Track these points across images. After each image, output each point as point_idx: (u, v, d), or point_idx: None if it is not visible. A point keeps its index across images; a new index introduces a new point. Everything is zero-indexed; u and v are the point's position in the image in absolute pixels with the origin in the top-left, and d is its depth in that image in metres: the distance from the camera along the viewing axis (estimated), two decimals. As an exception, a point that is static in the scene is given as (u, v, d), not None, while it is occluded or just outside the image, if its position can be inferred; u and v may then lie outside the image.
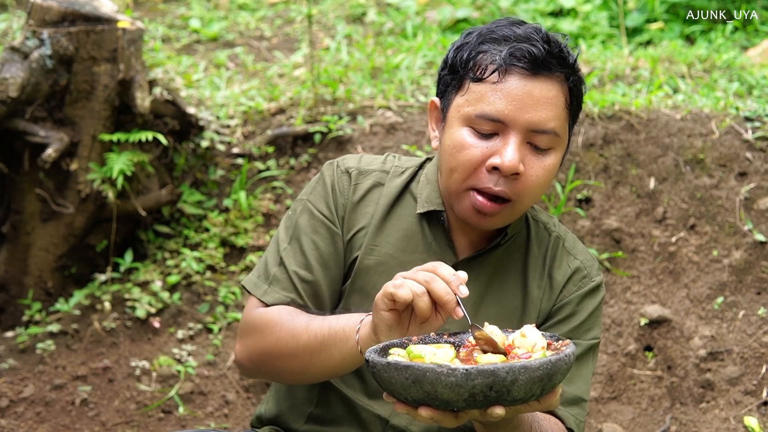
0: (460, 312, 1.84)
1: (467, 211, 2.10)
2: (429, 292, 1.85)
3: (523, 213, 2.15)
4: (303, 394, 2.28)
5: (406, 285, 1.85)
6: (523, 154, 2.06)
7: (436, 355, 1.79)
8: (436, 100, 2.20)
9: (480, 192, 2.07)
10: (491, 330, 1.86)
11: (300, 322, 2.10)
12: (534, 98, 2.04)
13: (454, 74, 2.13)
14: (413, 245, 2.20)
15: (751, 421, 3.25)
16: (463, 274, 1.87)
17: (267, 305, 2.20)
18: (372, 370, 1.76)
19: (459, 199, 2.10)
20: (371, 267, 2.19)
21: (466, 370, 1.66)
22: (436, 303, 1.87)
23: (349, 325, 1.99)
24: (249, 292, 2.23)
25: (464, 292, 1.84)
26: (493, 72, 2.05)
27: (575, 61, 2.11)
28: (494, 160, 2.04)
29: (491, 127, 2.06)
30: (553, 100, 2.07)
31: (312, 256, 2.19)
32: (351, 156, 2.30)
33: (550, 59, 2.05)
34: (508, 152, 2.04)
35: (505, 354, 1.83)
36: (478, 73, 2.07)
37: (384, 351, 1.83)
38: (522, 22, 2.12)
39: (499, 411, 1.71)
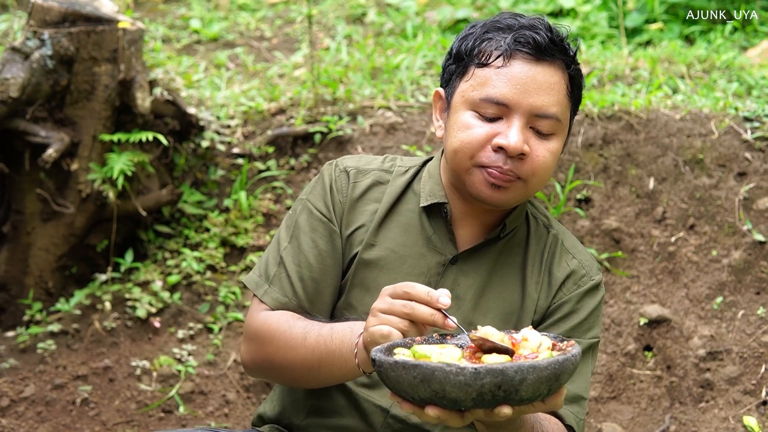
0: (451, 323, 1.85)
1: (480, 185, 2.12)
2: (413, 320, 1.86)
3: (532, 195, 2.18)
4: (304, 388, 2.30)
5: (389, 325, 1.86)
6: (527, 137, 2.10)
7: (442, 354, 1.80)
8: (441, 90, 2.24)
9: (488, 168, 2.09)
10: (485, 331, 1.87)
11: (297, 333, 2.13)
12: (537, 83, 2.09)
13: (459, 62, 2.17)
14: (413, 239, 2.22)
15: (751, 420, 3.26)
16: (444, 291, 1.87)
17: (267, 306, 2.22)
18: (379, 370, 1.76)
19: (469, 176, 2.13)
20: (372, 262, 2.22)
21: (475, 369, 1.66)
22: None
23: (345, 346, 2.01)
24: (251, 291, 2.27)
25: (446, 302, 1.85)
26: (498, 57, 2.10)
27: (575, 53, 2.16)
28: (499, 140, 2.08)
29: (495, 111, 2.09)
30: (556, 86, 2.11)
31: (311, 255, 2.22)
32: (350, 156, 2.34)
33: (552, 47, 2.11)
34: (512, 133, 2.07)
35: (511, 352, 1.83)
36: (482, 58, 2.12)
37: (389, 351, 1.84)
38: (524, 16, 2.18)
39: (506, 410, 1.72)
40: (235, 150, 3.99)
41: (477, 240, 2.24)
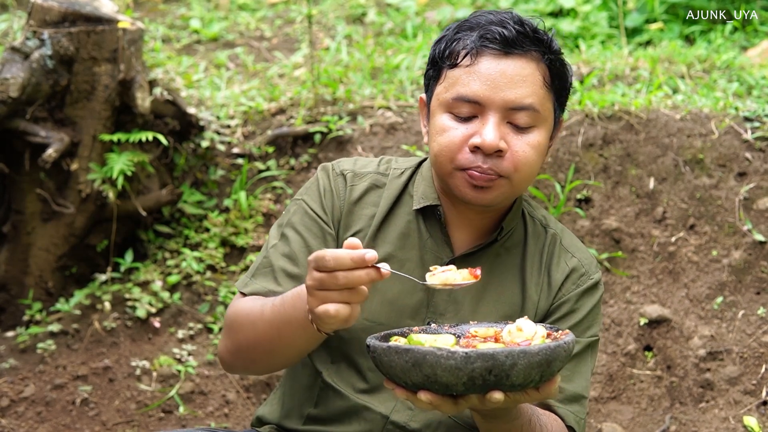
0: (386, 272, 1.78)
1: (463, 188, 2.11)
2: (352, 286, 1.78)
3: (520, 192, 2.17)
4: (303, 394, 2.29)
5: (331, 302, 1.78)
6: (504, 132, 2.08)
7: (437, 341, 1.82)
8: (424, 96, 2.25)
9: (468, 170, 2.09)
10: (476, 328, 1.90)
11: (256, 310, 2.08)
12: (508, 77, 2.08)
13: (434, 66, 2.17)
14: (410, 242, 2.22)
15: (751, 420, 3.25)
16: (353, 241, 1.79)
17: (245, 296, 2.19)
18: (372, 355, 1.78)
19: (452, 179, 2.12)
20: None
21: (466, 353, 1.68)
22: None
23: (298, 312, 1.93)
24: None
25: (373, 255, 1.77)
26: (466, 56, 2.10)
27: (551, 40, 2.13)
28: (475, 140, 2.07)
29: (469, 109, 2.09)
30: (529, 77, 2.09)
31: (299, 251, 2.20)
32: (345, 159, 2.32)
33: (522, 39, 2.09)
34: (487, 131, 2.06)
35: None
36: (453, 59, 2.12)
37: (385, 339, 1.85)
38: (497, 12, 2.16)
39: (497, 396, 1.72)
40: (235, 150, 3.99)
41: (473, 243, 2.23)
